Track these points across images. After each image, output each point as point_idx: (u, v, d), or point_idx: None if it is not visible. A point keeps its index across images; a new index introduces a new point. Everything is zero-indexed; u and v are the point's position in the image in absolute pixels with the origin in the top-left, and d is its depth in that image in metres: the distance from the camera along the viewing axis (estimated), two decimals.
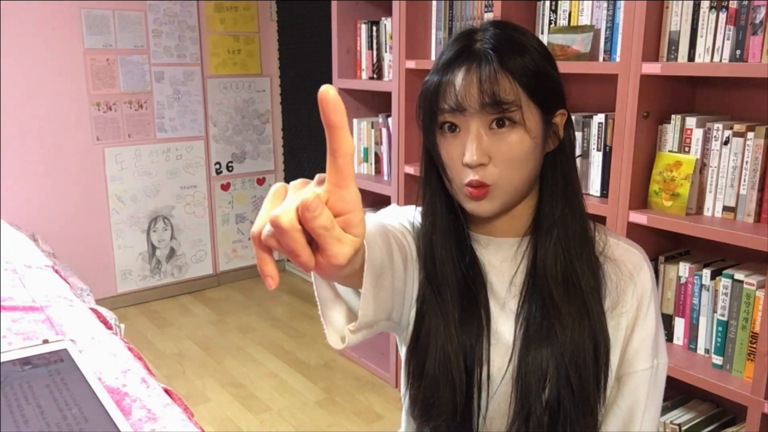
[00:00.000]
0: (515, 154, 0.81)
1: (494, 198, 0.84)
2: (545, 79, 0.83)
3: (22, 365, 0.80)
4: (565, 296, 0.85)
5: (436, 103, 0.83)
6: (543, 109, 0.83)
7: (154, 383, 0.82)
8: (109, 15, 3.37)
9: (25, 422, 0.66)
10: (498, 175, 0.82)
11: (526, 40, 0.84)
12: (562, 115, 0.86)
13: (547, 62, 0.84)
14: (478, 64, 0.80)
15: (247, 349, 3.13)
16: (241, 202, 3.99)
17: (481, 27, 0.85)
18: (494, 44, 0.82)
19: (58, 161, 3.33)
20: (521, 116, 0.80)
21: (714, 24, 1.55)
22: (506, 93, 0.80)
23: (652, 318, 0.88)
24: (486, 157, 0.81)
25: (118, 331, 1.12)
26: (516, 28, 0.85)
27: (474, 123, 0.81)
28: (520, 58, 0.81)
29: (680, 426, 1.69)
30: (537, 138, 0.82)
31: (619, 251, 0.90)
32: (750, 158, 1.52)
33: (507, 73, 0.80)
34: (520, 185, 0.84)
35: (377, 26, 2.58)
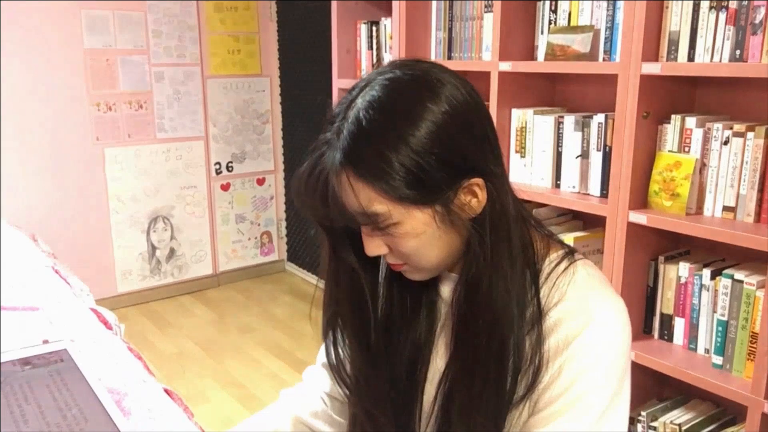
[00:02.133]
0: (408, 249, 0.74)
1: (416, 272, 0.79)
2: (423, 176, 0.69)
3: (22, 365, 0.80)
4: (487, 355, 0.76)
5: (305, 208, 0.76)
6: (429, 202, 0.71)
7: (154, 383, 0.82)
8: (109, 15, 3.37)
9: (25, 422, 0.66)
10: (404, 260, 0.77)
11: (399, 122, 0.68)
12: (477, 185, 0.73)
13: (433, 147, 0.69)
14: (331, 171, 0.70)
15: (247, 349, 3.14)
16: (241, 202, 3.99)
17: (356, 97, 0.72)
18: (349, 143, 0.69)
19: (58, 161, 3.33)
20: (395, 221, 0.71)
21: (714, 24, 1.55)
22: (360, 207, 0.70)
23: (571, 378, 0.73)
24: (384, 248, 0.76)
25: (118, 332, 1.12)
26: (393, 98, 0.70)
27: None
28: (381, 163, 0.68)
29: (680, 426, 1.69)
30: (427, 232, 0.73)
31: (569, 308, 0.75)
32: (750, 158, 1.52)
33: (363, 184, 0.69)
34: (435, 263, 0.77)
35: (377, 26, 2.58)
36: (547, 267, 0.79)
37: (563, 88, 2.09)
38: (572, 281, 0.77)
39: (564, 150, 1.89)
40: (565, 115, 1.90)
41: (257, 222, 4.08)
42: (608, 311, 0.76)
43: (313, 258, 3.95)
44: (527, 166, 2.00)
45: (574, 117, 1.86)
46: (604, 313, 0.75)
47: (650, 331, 1.78)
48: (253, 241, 4.08)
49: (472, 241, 0.75)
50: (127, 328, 1.21)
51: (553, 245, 0.82)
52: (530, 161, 1.99)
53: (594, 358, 0.73)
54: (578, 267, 0.79)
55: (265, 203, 4.10)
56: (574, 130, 1.86)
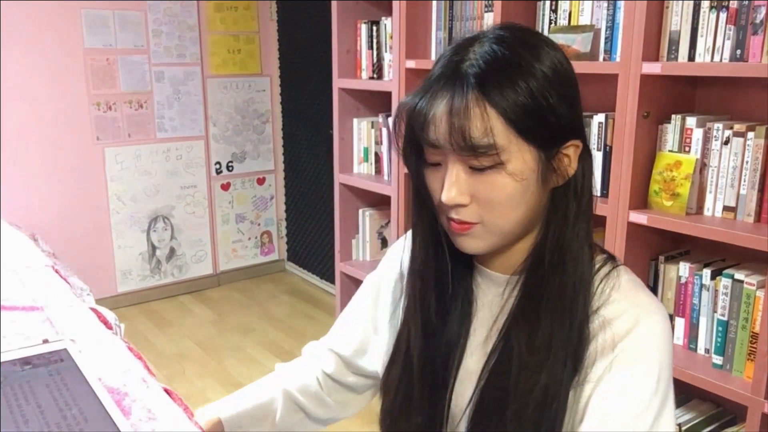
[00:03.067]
0: (498, 198, 0.72)
1: (480, 237, 0.76)
2: (545, 113, 0.71)
3: (22, 365, 0.80)
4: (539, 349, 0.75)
5: (411, 134, 0.75)
6: (540, 146, 0.72)
7: (154, 383, 0.82)
8: (109, 15, 3.37)
9: (25, 422, 0.66)
10: (481, 216, 0.74)
11: (529, 59, 0.71)
12: (575, 147, 0.75)
13: (555, 89, 0.71)
14: (456, 93, 0.70)
15: (247, 349, 3.14)
16: (241, 202, 3.99)
17: (481, 36, 0.74)
18: (482, 68, 0.70)
19: (58, 161, 3.33)
20: (506, 158, 0.70)
21: (714, 24, 1.55)
22: (483, 133, 0.69)
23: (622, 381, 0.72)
24: (466, 197, 0.73)
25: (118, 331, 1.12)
26: (523, 42, 0.73)
27: (451, 160, 0.72)
28: (511, 89, 0.69)
29: (680, 426, 1.70)
30: (529, 179, 0.72)
31: (616, 310, 0.75)
32: (750, 158, 1.52)
33: (489, 107, 0.69)
34: (509, 227, 0.75)
35: (377, 26, 2.58)
36: (594, 266, 0.79)
37: None
38: (616, 285, 0.78)
39: None
40: None
41: (257, 222, 4.08)
42: (654, 314, 0.76)
43: (313, 258, 3.95)
44: None
45: None
46: (650, 316, 0.75)
47: None
48: (253, 240, 4.08)
49: (557, 207, 0.76)
50: (127, 328, 1.21)
51: (596, 251, 0.83)
52: None
53: (644, 360, 0.73)
54: (621, 271, 0.80)
55: (265, 203, 4.10)
56: None
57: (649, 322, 0.75)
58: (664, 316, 0.77)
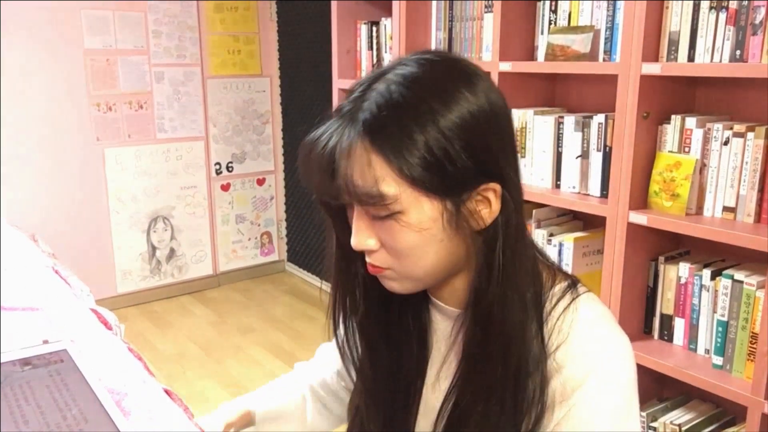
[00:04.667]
0: (401, 247, 0.68)
1: (396, 280, 0.72)
2: (444, 165, 0.64)
3: (22, 365, 0.80)
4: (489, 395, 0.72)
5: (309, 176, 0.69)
6: (443, 195, 0.66)
7: (154, 383, 0.82)
8: (109, 15, 3.37)
9: (25, 422, 0.66)
10: (391, 262, 0.70)
11: (435, 107, 0.64)
12: (493, 191, 0.68)
13: (462, 138, 0.64)
14: (343, 138, 0.65)
15: (247, 349, 3.14)
16: (241, 202, 3.99)
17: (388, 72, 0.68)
18: (374, 114, 0.64)
19: (58, 161, 3.33)
20: (400, 209, 0.65)
21: (714, 24, 1.55)
22: (370, 184, 0.64)
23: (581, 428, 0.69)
24: (373, 243, 0.69)
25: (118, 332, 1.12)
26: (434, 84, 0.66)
27: (355, 206, 0.69)
28: (404, 140, 0.63)
29: (680, 426, 1.69)
30: (432, 229, 0.67)
31: (569, 353, 0.71)
32: (750, 158, 1.52)
33: (377, 157, 0.64)
34: (423, 273, 0.71)
35: (377, 26, 2.58)
36: (549, 303, 0.74)
37: (563, 89, 2.09)
38: (574, 320, 0.72)
39: (564, 150, 1.89)
40: (565, 115, 1.90)
41: (257, 222, 4.08)
42: (611, 356, 0.72)
43: (313, 258, 3.95)
44: (527, 167, 2.00)
45: (574, 117, 1.86)
46: (606, 360, 0.71)
47: (650, 332, 1.78)
48: (253, 241, 4.08)
49: (477, 254, 0.70)
50: (127, 329, 1.21)
51: (557, 276, 0.78)
52: (530, 161, 1.99)
53: (598, 410, 0.70)
54: (580, 304, 0.74)
55: (265, 203, 4.10)
56: (574, 130, 1.86)
57: (604, 366, 0.71)
58: (622, 347, 0.73)
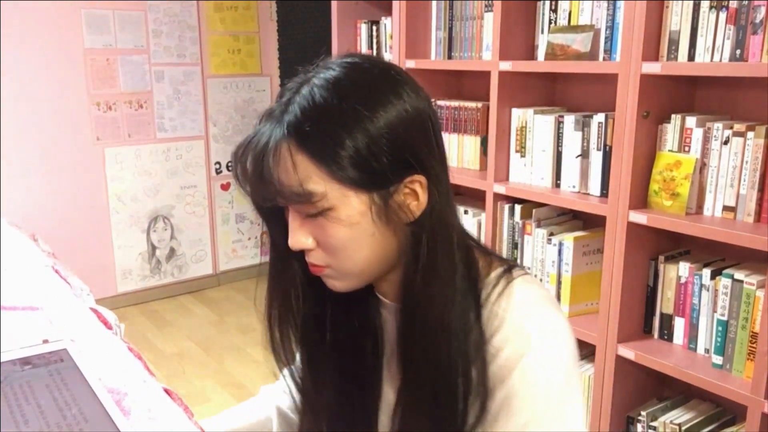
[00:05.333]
0: (335, 243, 0.70)
1: (336, 278, 0.75)
2: (369, 161, 0.67)
3: (22, 365, 0.80)
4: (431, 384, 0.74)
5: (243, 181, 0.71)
6: (369, 189, 0.69)
7: (154, 383, 0.82)
8: (109, 15, 3.37)
9: (25, 422, 0.66)
10: (328, 260, 0.72)
11: (360, 110, 0.67)
12: (419, 183, 0.71)
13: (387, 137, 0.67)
14: (270, 140, 0.67)
15: (247, 349, 3.14)
16: (241, 202, 3.99)
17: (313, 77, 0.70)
18: (298, 116, 0.67)
19: (58, 161, 3.33)
20: (329, 205, 0.68)
21: (714, 24, 1.55)
22: (295, 183, 0.67)
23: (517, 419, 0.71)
24: (310, 242, 0.72)
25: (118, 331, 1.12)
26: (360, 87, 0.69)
27: (290, 206, 0.71)
28: (328, 140, 0.66)
29: (680, 426, 1.70)
30: (362, 222, 0.69)
31: (504, 338, 0.72)
32: (750, 158, 1.52)
33: (302, 156, 0.67)
34: (359, 269, 0.73)
35: (377, 26, 2.58)
36: (485, 291, 0.75)
37: (563, 88, 2.09)
38: (509, 304, 0.73)
39: (564, 150, 1.89)
40: (565, 114, 1.90)
41: (257, 222, 4.08)
42: (546, 335, 0.72)
43: None
44: (527, 166, 2.00)
45: (574, 117, 1.86)
46: (542, 339, 0.72)
47: (650, 331, 1.78)
48: (253, 240, 4.08)
49: (407, 247, 0.72)
50: (127, 328, 1.21)
51: (493, 263, 0.79)
52: (530, 161, 1.99)
53: (537, 387, 0.71)
54: (515, 288, 0.75)
55: None
56: (574, 129, 1.86)
57: (539, 343, 0.72)
58: (556, 332, 0.74)
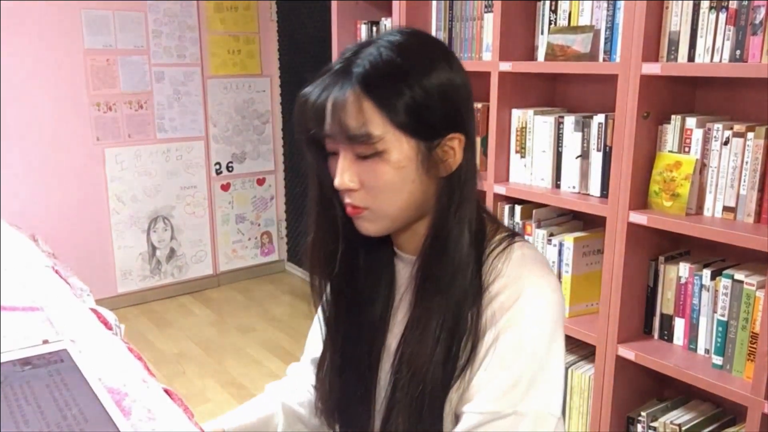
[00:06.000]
0: (380, 184, 0.79)
1: (372, 221, 0.82)
2: (423, 112, 0.77)
3: (22, 365, 0.80)
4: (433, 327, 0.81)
5: (304, 123, 0.80)
6: (420, 138, 0.78)
7: (154, 383, 0.82)
8: (109, 15, 3.37)
9: (25, 422, 0.66)
10: (369, 201, 0.80)
11: (417, 67, 0.77)
12: (458, 140, 0.81)
13: (437, 94, 0.77)
14: (340, 88, 0.76)
15: (247, 349, 3.14)
16: (241, 202, 3.99)
17: (376, 40, 0.80)
18: (366, 67, 0.76)
19: (58, 161, 3.33)
20: (383, 148, 0.77)
21: (714, 24, 1.55)
22: (360, 125, 0.76)
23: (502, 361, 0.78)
24: (355, 182, 0.79)
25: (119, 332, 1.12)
26: (412, 47, 0.79)
27: (342, 148, 0.79)
28: (391, 88, 0.76)
29: (680, 426, 1.70)
30: (408, 168, 0.78)
31: (501, 284, 0.81)
32: (750, 158, 1.52)
33: (367, 102, 0.75)
34: (397, 212, 0.82)
35: (377, 26, 2.58)
36: (488, 248, 0.85)
37: (563, 88, 2.09)
38: (508, 259, 0.83)
39: (564, 150, 1.89)
40: (565, 115, 1.90)
41: (257, 222, 4.08)
42: (537, 287, 0.81)
43: None
44: (527, 167, 2.00)
45: (574, 117, 1.86)
46: (532, 289, 0.80)
47: (650, 332, 1.78)
48: (253, 241, 4.08)
49: (441, 195, 0.82)
50: (127, 328, 1.21)
51: (500, 229, 0.88)
52: (530, 161, 1.99)
53: (523, 334, 0.79)
54: (515, 248, 0.85)
55: (265, 203, 4.10)
56: (574, 130, 1.86)
57: (531, 293, 0.80)
58: (547, 285, 0.82)
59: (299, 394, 1.07)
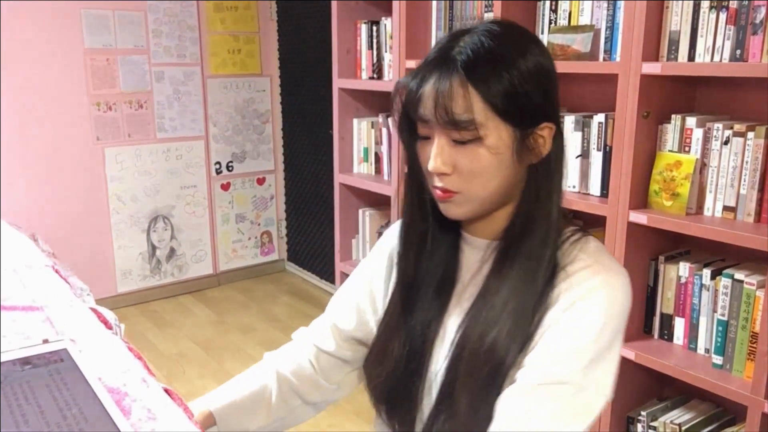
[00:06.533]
0: (477, 169, 0.81)
1: (461, 204, 0.85)
2: (521, 98, 0.80)
3: (22, 365, 0.80)
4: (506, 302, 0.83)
5: (405, 109, 0.84)
6: (517, 125, 0.81)
7: (154, 383, 0.82)
8: (109, 15, 3.37)
9: (25, 422, 0.66)
10: (462, 185, 0.83)
11: (514, 54, 0.80)
12: (549, 129, 0.84)
13: (533, 81, 0.81)
14: (443, 75, 0.79)
15: (247, 349, 3.14)
16: (241, 202, 3.99)
17: (473, 28, 0.83)
18: (469, 55, 0.79)
19: (58, 161, 3.33)
20: (483, 134, 0.79)
21: (714, 24, 1.55)
22: (463, 110, 0.78)
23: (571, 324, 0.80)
24: (449, 167, 0.82)
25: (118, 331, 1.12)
26: (512, 38, 0.82)
27: (438, 133, 0.82)
28: (492, 76, 0.78)
29: (680, 426, 1.70)
30: (504, 154, 0.81)
31: (578, 266, 0.83)
32: (750, 158, 1.52)
33: (471, 88, 0.78)
34: (487, 196, 0.84)
35: (377, 26, 2.58)
36: (564, 234, 0.88)
37: (563, 88, 2.08)
38: (583, 248, 0.86)
39: None
40: (565, 114, 1.90)
41: (257, 222, 4.08)
42: (612, 273, 0.83)
43: (314, 258, 3.95)
44: None
45: (574, 117, 1.86)
46: (608, 274, 0.83)
47: (650, 331, 1.78)
48: (253, 240, 4.08)
49: (530, 182, 0.85)
50: (127, 328, 1.21)
51: (571, 222, 0.92)
52: None
53: (595, 308, 0.80)
54: (590, 239, 0.89)
55: (265, 203, 4.10)
56: (574, 129, 1.86)
57: (606, 278, 0.82)
58: (622, 277, 0.85)
59: (300, 361, 1.05)
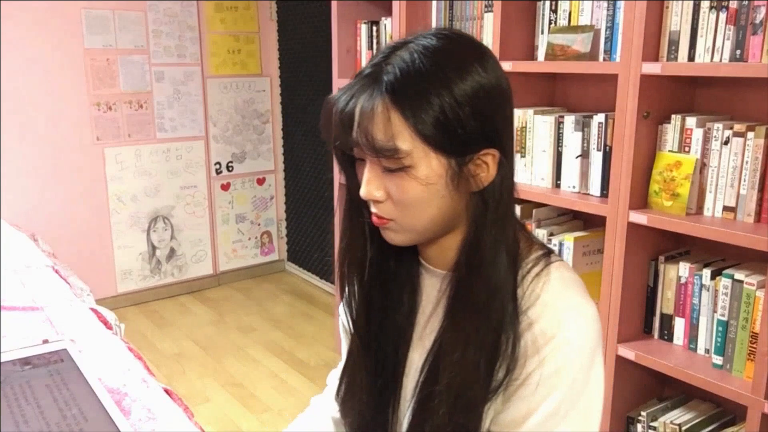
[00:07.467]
0: (406, 199, 0.75)
1: (397, 232, 0.79)
2: (454, 126, 0.72)
3: (22, 365, 0.80)
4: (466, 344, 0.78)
5: (331, 129, 0.77)
6: (450, 154, 0.74)
7: (154, 383, 0.82)
8: (109, 15, 3.37)
9: (25, 422, 0.66)
10: (395, 213, 0.77)
11: (450, 74, 0.72)
12: (492, 156, 0.76)
13: (471, 105, 0.72)
14: (368, 95, 0.73)
15: (247, 349, 3.14)
16: (241, 202, 3.99)
17: (412, 41, 0.76)
18: (397, 75, 0.72)
19: (58, 161, 3.33)
20: (410, 163, 0.73)
21: (714, 24, 1.55)
22: (386, 138, 0.72)
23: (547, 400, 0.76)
24: (381, 194, 0.76)
25: (118, 331, 1.12)
26: (447, 52, 0.74)
27: (369, 158, 0.76)
28: (421, 101, 0.71)
29: (680, 426, 1.70)
30: (437, 184, 0.74)
31: (540, 311, 0.77)
32: (750, 158, 1.52)
33: (396, 114, 0.71)
34: (421, 227, 0.78)
35: (377, 26, 2.58)
36: (523, 268, 0.80)
37: (563, 88, 2.09)
38: (546, 283, 0.79)
39: (564, 150, 1.89)
40: (565, 115, 1.90)
41: (257, 222, 4.08)
42: (578, 315, 0.78)
43: (313, 258, 3.95)
44: (527, 166, 2.00)
45: (574, 117, 1.86)
46: (574, 316, 0.77)
47: (650, 331, 1.78)
48: (253, 240, 4.08)
49: (473, 211, 0.78)
50: (127, 328, 1.21)
51: (534, 246, 0.84)
52: (530, 161, 1.99)
53: (566, 363, 0.76)
54: (552, 270, 0.80)
55: (265, 203, 4.10)
56: (574, 130, 1.86)
57: (572, 322, 0.77)
58: (586, 313, 0.79)
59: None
